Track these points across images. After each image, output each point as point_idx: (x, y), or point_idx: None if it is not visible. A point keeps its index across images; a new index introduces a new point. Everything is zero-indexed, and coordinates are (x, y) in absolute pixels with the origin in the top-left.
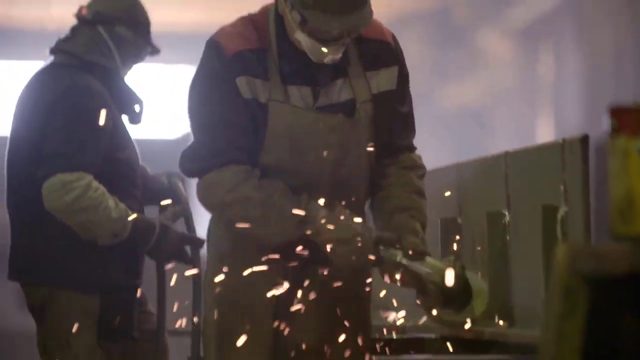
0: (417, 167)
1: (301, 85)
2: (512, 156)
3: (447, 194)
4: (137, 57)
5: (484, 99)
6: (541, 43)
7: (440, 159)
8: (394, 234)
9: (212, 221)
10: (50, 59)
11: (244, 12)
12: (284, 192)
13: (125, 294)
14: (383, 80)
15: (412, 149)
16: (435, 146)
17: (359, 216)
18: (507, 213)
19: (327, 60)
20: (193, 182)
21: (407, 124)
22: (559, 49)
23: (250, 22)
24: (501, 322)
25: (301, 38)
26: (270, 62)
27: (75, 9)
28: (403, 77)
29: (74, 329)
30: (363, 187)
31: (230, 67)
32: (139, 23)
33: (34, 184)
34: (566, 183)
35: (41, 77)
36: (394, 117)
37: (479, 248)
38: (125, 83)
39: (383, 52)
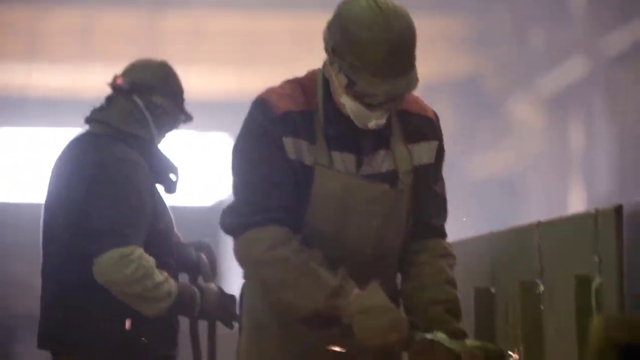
0: (448, 255)
1: (345, 152)
2: (544, 226)
3: (479, 264)
4: (172, 126)
5: (515, 168)
6: (571, 111)
7: (472, 227)
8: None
9: (246, 287)
10: (85, 127)
11: (274, 80)
12: (321, 261)
13: None
14: (423, 153)
15: (444, 234)
16: (466, 215)
17: (391, 293)
18: (540, 283)
19: (371, 125)
20: (225, 247)
21: (441, 205)
22: (589, 117)
23: (298, 85)
24: None
25: (346, 102)
26: (316, 126)
27: (109, 78)
28: (441, 154)
29: None
30: (395, 263)
31: (277, 126)
32: (174, 91)
33: (79, 257)
34: (600, 254)
35: (78, 147)
36: (429, 194)
37: (512, 317)
38: (161, 152)
39: (425, 127)
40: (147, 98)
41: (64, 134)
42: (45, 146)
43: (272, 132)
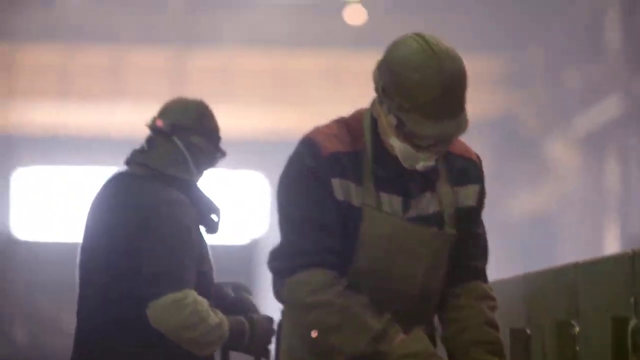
0: (489, 297)
1: (392, 194)
2: (581, 267)
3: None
4: (210, 164)
5: (550, 207)
6: (607, 151)
7: (508, 267)
8: None
9: (285, 327)
10: (121, 167)
11: (304, 119)
12: (366, 305)
13: None
14: (468, 195)
15: (485, 278)
16: (502, 254)
17: (430, 334)
18: (576, 324)
19: (419, 167)
20: (258, 286)
21: (483, 247)
22: (624, 156)
23: (345, 125)
24: None
25: (395, 143)
26: (363, 167)
27: (139, 116)
28: (482, 198)
29: None
30: (436, 305)
31: (325, 167)
32: (211, 131)
33: (120, 298)
34: (636, 295)
35: (120, 188)
36: (472, 236)
37: (547, 358)
38: (202, 192)
39: (469, 169)
40: (186, 139)
41: (94, 172)
42: (76, 184)
43: (320, 173)
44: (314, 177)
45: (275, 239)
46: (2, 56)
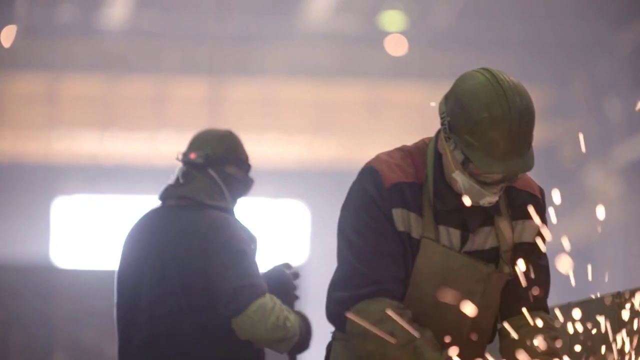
0: (551, 328)
1: (451, 227)
2: (624, 296)
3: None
4: (244, 192)
5: (592, 237)
6: None
7: (551, 297)
8: None
9: (337, 344)
10: (157, 203)
11: (346, 150)
12: (428, 340)
13: None
14: (527, 231)
15: (546, 309)
16: None
17: None
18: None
19: (483, 202)
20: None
21: (545, 280)
22: None
23: (408, 155)
24: None
25: (459, 178)
26: (424, 198)
27: (182, 146)
28: (541, 232)
29: None
30: (487, 339)
31: (387, 197)
32: (244, 160)
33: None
34: None
35: (170, 218)
36: (536, 269)
37: None
38: (239, 221)
39: (531, 205)
40: (220, 169)
41: (135, 201)
42: (117, 213)
43: (381, 203)
44: (375, 206)
45: (316, 266)
46: (44, 86)
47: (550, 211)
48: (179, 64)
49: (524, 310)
